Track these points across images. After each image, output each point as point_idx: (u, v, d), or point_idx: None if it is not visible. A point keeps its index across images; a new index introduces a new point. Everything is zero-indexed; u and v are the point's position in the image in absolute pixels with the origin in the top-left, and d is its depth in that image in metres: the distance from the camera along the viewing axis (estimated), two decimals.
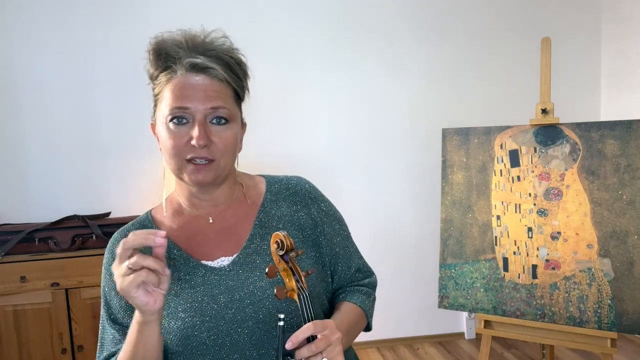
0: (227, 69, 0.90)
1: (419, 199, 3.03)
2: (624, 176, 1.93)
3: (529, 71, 2.97)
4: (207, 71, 0.88)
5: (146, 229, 0.82)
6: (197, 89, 0.87)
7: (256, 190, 1.03)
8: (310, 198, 1.04)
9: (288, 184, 1.05)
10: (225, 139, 0.89)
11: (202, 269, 0.94)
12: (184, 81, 0.88)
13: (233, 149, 0.92)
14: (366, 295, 1.07)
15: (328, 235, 1.04)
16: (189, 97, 0.87)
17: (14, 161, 2.59)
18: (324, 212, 1.05)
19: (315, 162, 2.86)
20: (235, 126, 0.92)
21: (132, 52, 2.67)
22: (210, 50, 0.89)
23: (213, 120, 0.89)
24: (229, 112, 0.90)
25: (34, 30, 2.55)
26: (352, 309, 1.02)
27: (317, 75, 2.87)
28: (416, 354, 2.97)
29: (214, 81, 0.89)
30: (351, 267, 1.08)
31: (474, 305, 2.13)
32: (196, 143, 0.86)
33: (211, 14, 2.69)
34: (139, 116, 2.69)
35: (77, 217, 2.45)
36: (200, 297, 0.91)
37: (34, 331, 2.25)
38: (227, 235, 0.98)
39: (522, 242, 2.08)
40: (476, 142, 2.21)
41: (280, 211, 1.01)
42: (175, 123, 0.88)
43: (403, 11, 2.96)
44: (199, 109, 0.87)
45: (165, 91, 0.89)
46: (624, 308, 1.88)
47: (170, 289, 0.92)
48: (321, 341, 0.79)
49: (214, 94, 0.88)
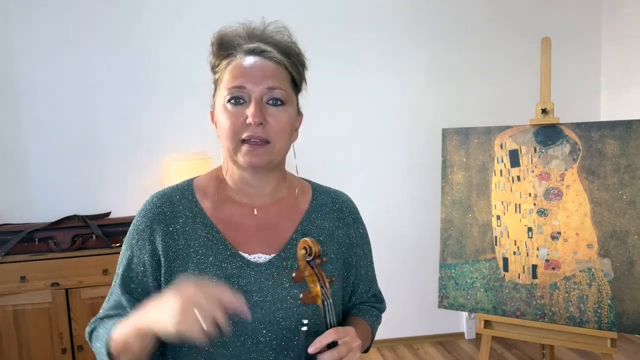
0: (284, 54, 0.92)
1: (419, 199, 3.03)
2: (624, 176, 1.93)
3: (529, 71, 2.97)
4: (264, 54, 0.91)
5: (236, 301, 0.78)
6: (254, 69, 0.89)
7: (303, 195, 1.03)
8: (352, 219, 1.06)
9: (335, 198, 1.06)
10: (281, 120, 0.90)
11: (239, 260, 0.92)
12: (242, 63, 0.90)
13: (288, 132, 0.92)
14: (376, 317, 1.10)
15: (359, 257, 1.06)
16: (247, 76, 0.88)
17: (14, 161, 2.59)
18: (361, 235, 1.07)
19: (315, 162, 2.86)
20: (291, 109, 0.93)
21: (132, 52, 2.67)
22: (268, 38, 0.92)
23: (269, 101, 0.90)
24: (285, 94, 0.91)
25: (33, 30, 2.55)
26: (364, 326, 1.04)
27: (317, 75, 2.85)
28: (416, 354, 2.97)
29: (271, 63, 0.91)
30: (369, 291, 1.11)
31: (474, 305, 2.13)
32: (252, 120, 0.86)
33: (211, 14, 2.69)
34: (138, 116, 2.70)
35: (77, 217, 2.45)
36: (233, 290, 0.88)
37: (34, 331, 2.25)
38: (268, 232, 0.96)
39: (522, 242, 2.08)
40: (476, 142, 2.21)
41: (323, 223, 1.01)
42: (233, 103, 0.89)
43: (403, 11, 2.96)
44: (256, 89, 0.88)
45: (225, 74, 0.91)
46: (624, 308, 1.88)
47: (205, 272, 0.90)
48: (343, 347, 0.80)
49: (270, 74, 0.89)
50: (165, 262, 0.92)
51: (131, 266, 0.94)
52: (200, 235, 0.93)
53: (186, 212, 0.95)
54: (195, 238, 0.93)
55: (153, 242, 0.93)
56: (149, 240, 0.93)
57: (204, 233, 0.93)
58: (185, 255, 0.92)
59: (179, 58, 2.69)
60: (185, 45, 2.68)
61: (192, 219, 0.94)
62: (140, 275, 0.93)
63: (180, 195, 0.97)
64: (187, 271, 0.91)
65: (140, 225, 0.95)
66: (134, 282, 0.94)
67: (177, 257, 0.92)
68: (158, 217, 0.94)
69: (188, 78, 2.68)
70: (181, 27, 2.69)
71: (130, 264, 0.94)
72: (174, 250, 0.92)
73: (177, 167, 2.44)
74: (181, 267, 0.91)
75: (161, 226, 0.93)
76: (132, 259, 0.94)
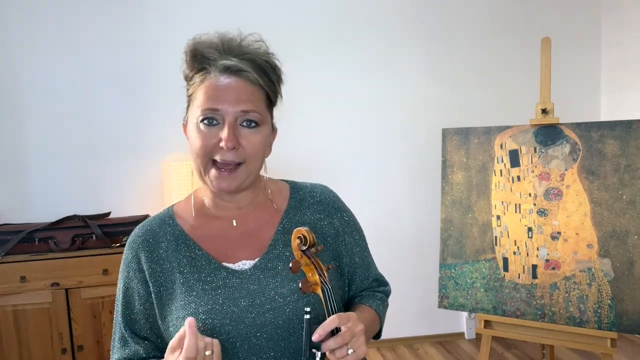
0: (260, 72, 0.90)
1: (419, 199, 3.03)
2: (624, 176, 1.93)
3: (529, 71, 2.97)
4: (239, 74, 0.89)
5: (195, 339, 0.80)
6: (228, 91, 0.88)
7: (280, 196, 1.04)
8: (333, 208, 1.05)
9: (312, 192, 1.06)
10: (254, 142, 0.90)
11: (223, 271, 0.94)
12: (216, 83, 0.88)
13: (261, 153, 0.92)
14: (381, 301, 1.09)
15: (349, 245, 1.05)
16: (220, 99, 0.87)
17: (14, 161, 2.59)
18: (346, 222, 1.06)
19: (315, 162, 2.86)
20: (265, 130, 0.93)
21: (132, 53, 2.67)
22: (245, 53, 0.90)
23: (243, 122, 0.89)
24: (260, 116, 0.90)
25: (34, 31, 2.55)
26: (368, 311, 1.04)
27: (317, 75, 2.86)
28: (416, 354, 2.97)
29: (246, 84, 0.89)
30: (369, 277, 1.10)
31: (474, 305, 2.13)
32: (225, 145, 0.86)
33: (211, 14, 2.69)
34: (139, 117, 2.70)
35: (77, 217, 2.45)
36: (221, 300, 0.91)
37: (34, 331, 2.25)
38: (249, 238, 0.98)
39: (522, 242, 2.08)
40: (476, 142, 2.21)
41: (303, 218, 1.01)
42: (206, 124, 0.88)
43: (403, 11, 2.96)
44: (230, 111, 0.87)
45: (199, 92, 0.90)
46: (624, 308, 1.88)
47: (192, 289, 0.92)
48: (346, 333, 0.81)
49: (245, 97, 0.88)
50: (154, 287, 0.94)
51: (127, 298, 0.97)
52: (184, 255, 0.95)
53: (167, 236, 0.97)
54: (178, 259, 0.95)
55: (142, 271, 0.95)
56: (137, 269, 0.96)
57: (187, 253, 0.95)
58: (171, 277, 0.94)
59: (179, 58, 2.68)
60: (185, 45, 2.67)
61: (175, 242, 0.96)
62: (137, 304, 0.96)
63: (160, 222, 0.99)
64: (175, 292, 0.93)
65: (127, 257, 0.98)
66: (134, 312, 0.96)
67: (165, 281, 0.94)
68: (142, 246, 0.96)
69: None
70: (181, 27, 2.69)
71: (126, 295, 0.97)
72: (160, 275, 0.95)
73: (177, 167, 2.44)
74: (170, 289, 0.94)
75: (145, 254, 0.96)
76: (127, 291, 0.97)
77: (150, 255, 0.96)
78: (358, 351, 0.82)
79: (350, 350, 0.81)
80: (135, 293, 0.96)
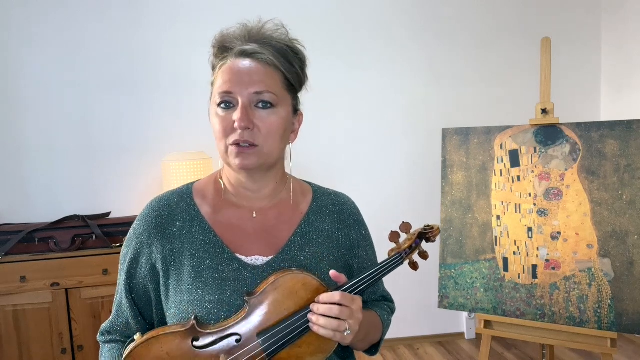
0: (277, 54, 0.91)
1: (419, 199, 3.03)
2: (624, 176, 1.93)
3: (529, 71, 2.97)
4: (254, 56, 0.90)
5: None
6: (242, 74, 0.88)
7: (303, 198, 1.03)
8: (353, 220, 1.05)
9: (336, 200, 1.06)
10: (269, 123, 0.89)
11: (236, 262, 0.92)
12: (232, 66, 0.90)
13: (278, 134, 0.91)
14: (387, 313, 1.09)
15: (361, 259, 1.05)
16: (234, 82, 0.88)
17: (14, 161, 2.59)
18: (362, 237, 1.06)
19: (315, 162, 2.86)
20: (282, 112, 0.92)
21: (132, 52, 2.67)
22: (264, 38, 0.91)
23: (259, 104, 0.89)
24: (275, 97, 0.90)
25: (33, 30, 2.55)
26: (374, 315, 1.03)
27: (317, 75, 2.86)
28: (416, 354, 2.97)
29: (261, 65, 0.90)
30: (377, 293, 1.10)
31: (474, 305, 2.13)
32: (237, 125, 0.87)
33: (211, 14, 2.69)
34: (138, 116, 2.70)
35: (77, 217, 2.45)
36: (229, 292, 0.90)
37: (34, 331, 2.25)
38: (266, 234, 0.97)
39: (522, 242, 2.08)
40: (476, 142, 2.21)
41: (323, 225, 1.01)
42: (223, 108, 0.89)
43: (403, 11, 2.96)
44: (243, 93, 0.88)
45: (218, 78, 0.91)
46: (624, 308, 1.88)
47: (200, 275, 0.91)
48: (345, 310, 0.84)
49: (257, 78, 0.88)
50: (163, 264, 0.93)
51: (132, 265, 0.96)
52: (197, 238, 0.94)
53: (184, 215, 0.96)
54: (192, 241, 0.93)
55: (150, 246, 0.94)
56: (147, 244, 0.94)
57: (201, 236, 0.94)
58: (181, 257, 0.93)
59: (179, 58, 2.69)
60: (185, 45, 2.68)
61: (190, 222, 0.95)
62: (140, 276, 0.95)
63: (178, 199, 0.98)
64: (183, 274, 0.92)
65: (138, 229, 0.96)
66: (135, 279, 0.95)
67: (174, 260, 0.93)
68: (156, 221, 0.95)
69: (188, 78, 2.68)
70: (181, 26, 2.69)
71: (132, 263, 0.96)
72: (171, 253, 0.93)
73: (177, 167, 2.44)
74: (178, 270, 0.92)
75: (159, 229, 0.94)
76: (132, 260, 0.96)
77: (163, 231, 0.94)
78: (339, 335, 0.84)
79: (346, 326, 0.83)
80: (139, 265, 0.95)
